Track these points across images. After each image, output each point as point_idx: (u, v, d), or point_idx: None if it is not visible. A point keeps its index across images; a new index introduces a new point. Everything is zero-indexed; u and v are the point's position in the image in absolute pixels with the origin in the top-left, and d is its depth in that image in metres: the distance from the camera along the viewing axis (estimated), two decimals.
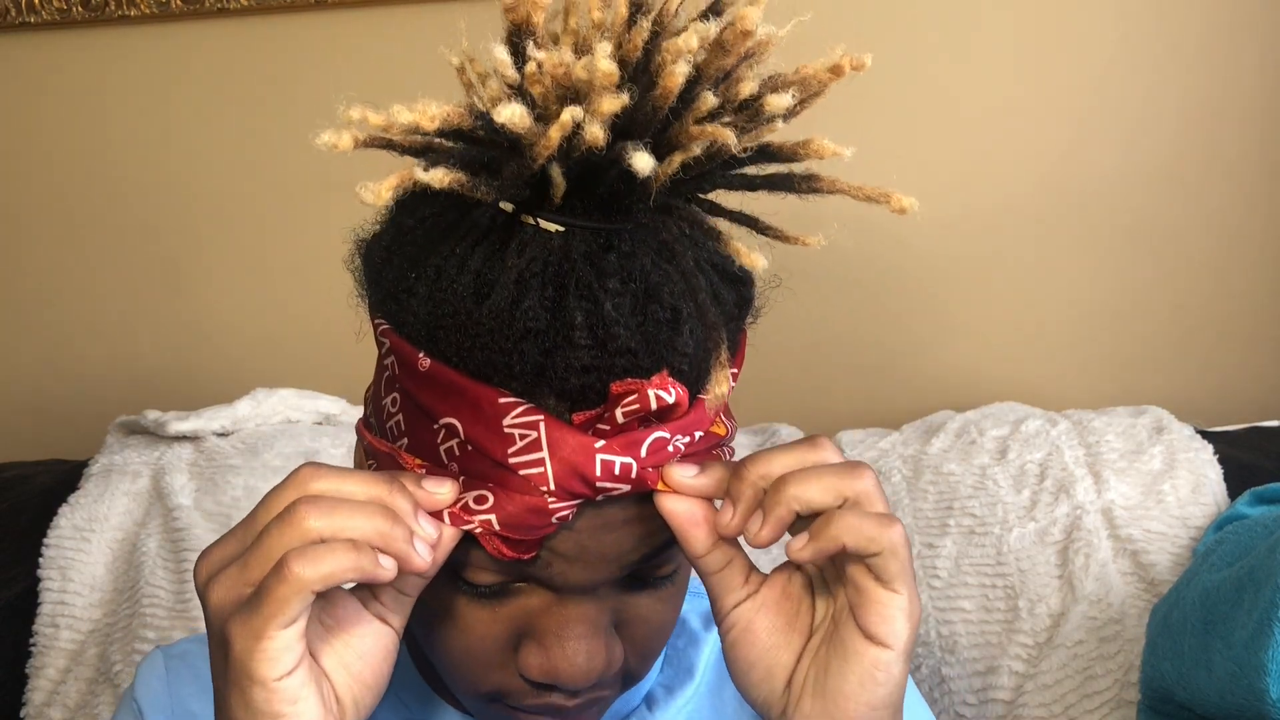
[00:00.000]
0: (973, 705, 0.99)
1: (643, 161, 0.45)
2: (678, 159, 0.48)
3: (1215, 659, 0.82)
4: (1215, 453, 1.11)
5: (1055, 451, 1.12)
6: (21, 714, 1.03)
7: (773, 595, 0.54)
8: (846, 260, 1.32)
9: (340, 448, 1.19)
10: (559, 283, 0.48)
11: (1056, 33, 1.26)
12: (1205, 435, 1.14)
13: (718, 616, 0.54)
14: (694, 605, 0.73)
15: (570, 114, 0.45)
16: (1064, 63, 1.27)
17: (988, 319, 1.33)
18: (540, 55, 0.47)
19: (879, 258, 1.31)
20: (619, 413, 0.48)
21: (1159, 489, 1.08)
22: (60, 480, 1.18)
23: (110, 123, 1.34)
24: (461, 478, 0.50)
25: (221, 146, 1.34)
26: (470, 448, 0.50)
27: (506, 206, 0.50)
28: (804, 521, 0.50)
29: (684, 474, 0.50)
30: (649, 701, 0.69)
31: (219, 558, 0.49)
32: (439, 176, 0.46)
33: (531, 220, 0.49)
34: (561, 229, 0.49)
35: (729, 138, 0.47)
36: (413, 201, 0.53)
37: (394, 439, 0.53)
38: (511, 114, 0.45)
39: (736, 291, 0.55)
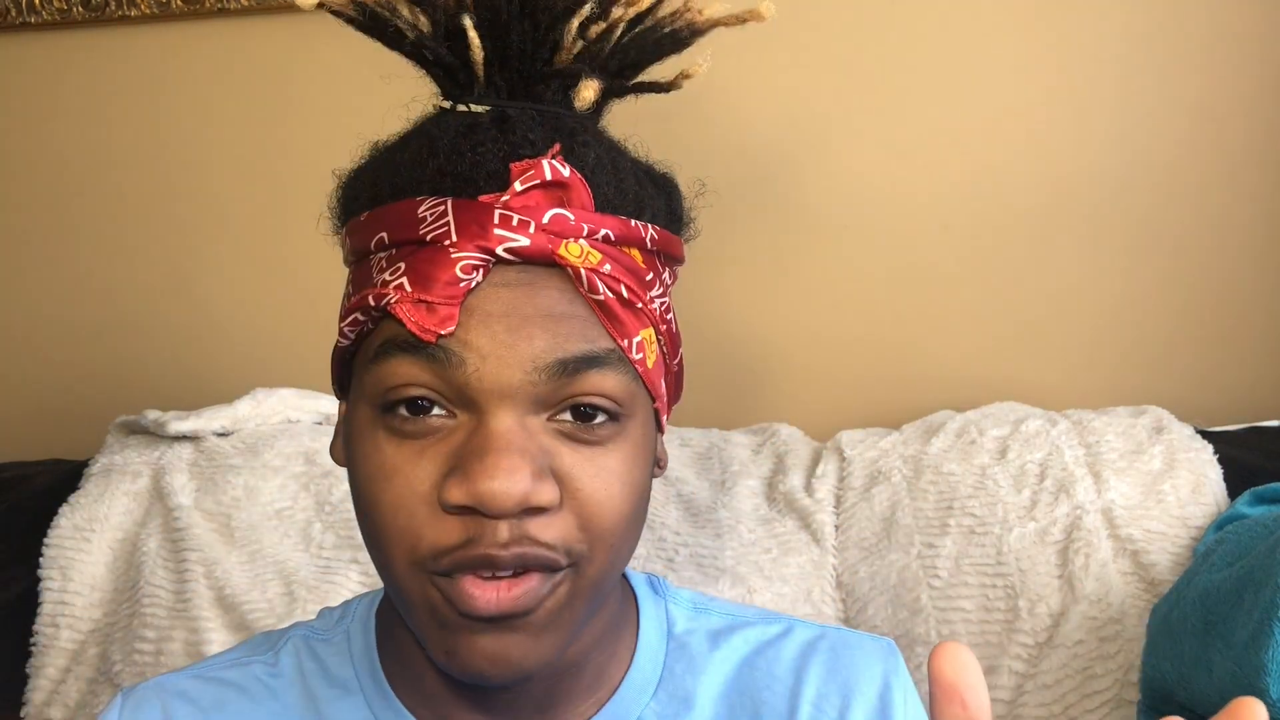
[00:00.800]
0: None
1: (589, 87, 0.58)
2: (574, 26, 0.58)
3: (1215, 659, 0.82)
4: (1215, 453, 1.11)
5: (1055, 451, 1.12)
6: (22, 713, 1.03)
7: None
8: (847, 260, 1.32)
9: None
10: (468, 118, 0.56)
11: (1058, 33, 1.26)
12: (1205, 435, 1.14)
13: None
14: (701, 622, 0.68)
15: None
16: (1065, 64, 1.26)
17: (988, 319, 1.33)
18: None
19: (879, 258, 1.31)
20: (517, 183, 0.53)
21: (1159, 489, 1.08)
22: (60, 480, 1.18)
23: (110, 122, 1.34)
24: (382, 276, 0.54)
25: (221, 146, 1.34)
26: (394, 250, 0.54)
27: (444, 104, 0.58)
28: None
29: (962, 658, 0.43)
30: None
31: None
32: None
33: (464, 106, 0.57)
34: (485, 109, 0.57)
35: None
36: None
37: (344, 313, 0.57)
38: None
39: (666, 196, 0.60)
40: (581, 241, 0.54)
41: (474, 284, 0.52)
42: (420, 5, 0.60)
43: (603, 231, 0.55)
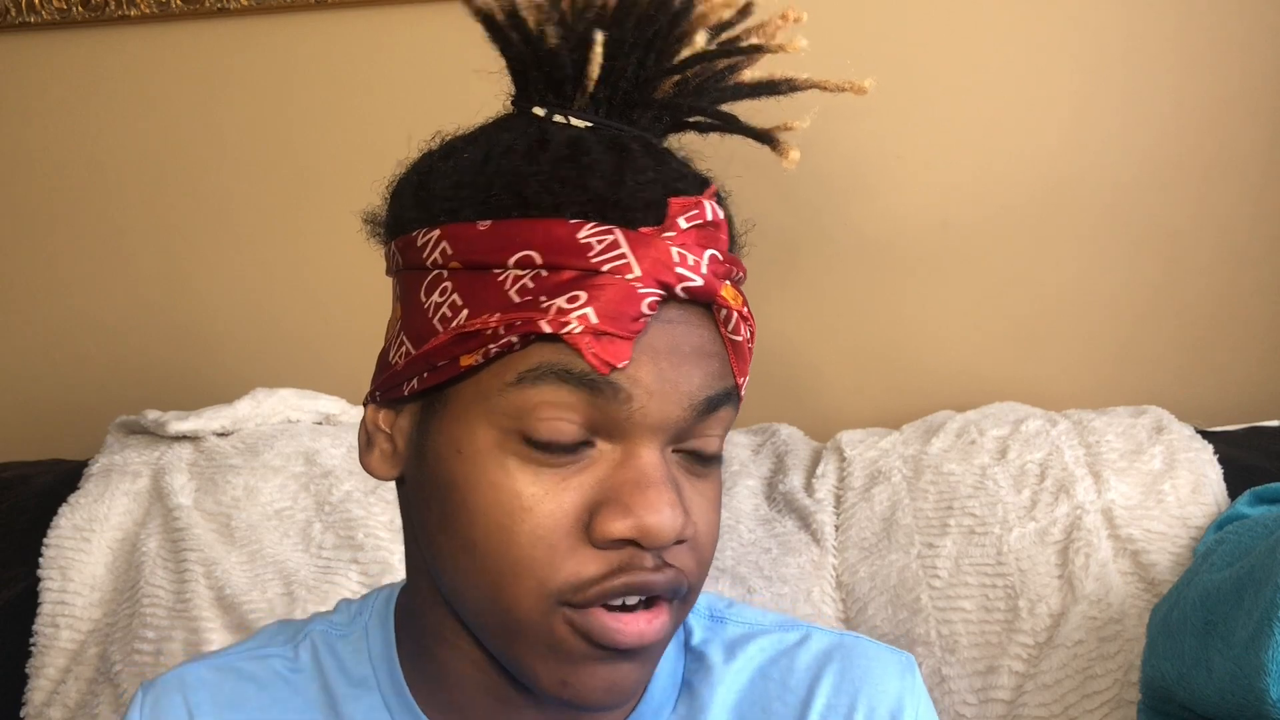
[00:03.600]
0: (973, 705, 0.99)
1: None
2: (671, 78, 0.58)
3: (1215, 659, 0.82)
4: (1215, 453, 1.11)
5: (1055, 451, 1.12)
6: (21, 713, 1.03)
7: None
8: (847, 260, 1.32)
9: (340, 447, 1.19)
10: (603, 138, 0.55)
11: (1058, 33, 1.26)
12: (1205, 435, 1.14)
13: None
14: (717, 633, 0.67)
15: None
16: (1066, 63, 1.26)
17: (988, 319, 1.33)
18: None
19: (879, 257, 1.31)
20: (682, 219, 0.53)
21: (1159, 489, 1.08)
22: (60, 480, 1.18)
23: (110, 122, 1.34)
24: (544, 299, 0.52)
25: (221, 146, 1.34)
26: (547, 273, 0.52)
27: (539, 111, 0.57)
28: None
29: None
30: None
31: None
32: None
33: (563, 119, 0.56)
34: (590, 124, 0.56)
35: (725, 11, 0.60)
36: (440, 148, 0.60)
37: (446, 324, 0.54)
38: None
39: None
40: (728, 283, 0.55)
41: (650, 320, 0.52)
42: (547, 11, 0.59)
43: (738, 274, 0.57)
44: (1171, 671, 0.87)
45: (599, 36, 0.56)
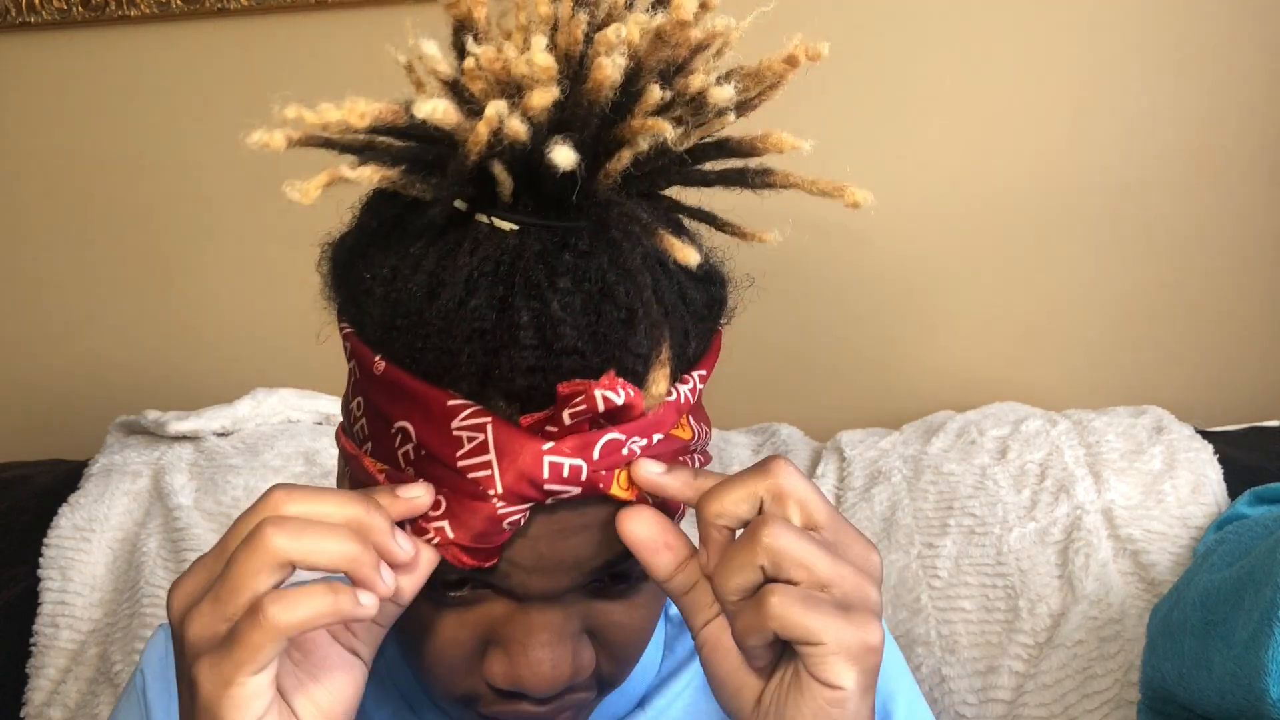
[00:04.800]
0: (973, 705, 0.99)
1: (563, 155, 0.44)
2: (626, 155, 0.47)
3: (1215, 659, 0.82)
4: (1215, 452, 1.11)
5: (1055, 451, 1.12)
6: (21, 714, 1.03)
7: None
8: (846, 260, 1.32)
9: None
10: (508, 281, 0.47)
11: (1057, 29, 1.26)
12: (1205, 435, 1.14)
13: (691, 633, 0.53)
14: None
15: (495, 109, 0.44)
16: (1066, 63, 1.26)
17: (988, 319, 1.33)
18: (479, 50, 0.46)
19: (879, 257, 1.31)
20: (566, 414, 0.47)
21: (1159, 489, 1.08)
22: (60, 480, 1.18)
23: (110, 122, 1.34)
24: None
25: (221, 146, 1.34)
26: (424, 452, 0.49)
27: (460, 205, 0.49)
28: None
29: (650, 469, 0.49)
30: (643, 699, 0.69)
31: (190, 589, 0.47)
32: (368, 174, 0.46)
33: (485, 219, 0.48)
34: (515, 228, 0.48)
35: (666, 129, 0.46)
36: (376, 202, 0.53)
37: (360, 443, 0.53)
38: (433, 109, 0.45)
39: (706, 291, 0.53)
40: (630, 468, 0.49)
41: (518, 526, 0.49)
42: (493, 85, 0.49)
43: (655, 437, 0.50)
44: (1172, 672, 0.87)
45: (493, 111, 0.45)
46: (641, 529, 0.50)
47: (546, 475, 0.47)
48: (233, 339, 1.39)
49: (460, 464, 0.48)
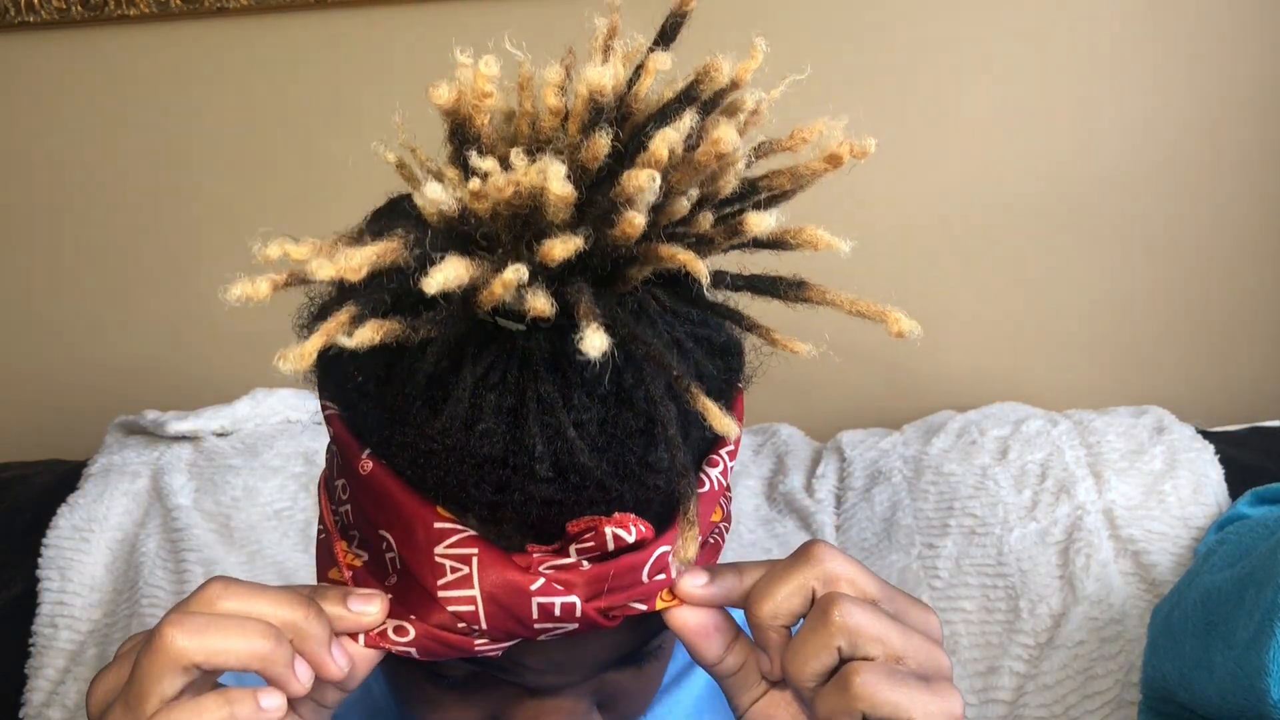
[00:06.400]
0: (974, 706, 0.99)
1: (594, 345, 0.39)
2: (647, 270, 0.43)
3: (1216, 659, 0.82)
4: (1216, 453, 1.11)
5: (1056, 452, 1.12)
6: (20, 714, 1.03)
7: (789, 692, 0.50)
8: (846, 260, 1.31)
9: None
10: (517, 393, 0.42)
11: (1059, 32, 1.26)
12: (1206, 435, 1.14)
13: (735, 712, 0.50)
14: None
15: (515, 274, 0.40)
16: (1066, 62, 1.26)
17: (988, 319, 1.33)
18: (484, 166, 0.41)
19: (879, 257, 1.31)
20: (573, 549, 0.43)
21: (1160, 489, 1.08)
22: (59, 480, 1.18)
23: (109, 122, 1.34)
24: (391, 597, 0.46)
25: (221, 145, 1.34)
26: (402, 574, 0.45)
27: (479, 305, 0.43)
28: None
29: (693, 583, 0.47)
30: None
31: (108, 688, 0.45)
32: (366, 336, 0.41)
33: (490, 318, 0.43)
34: (523, 327, 0.43)
35: (698, 269, 0.42)
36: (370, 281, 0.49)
37: (345, 529, 0.48)
38: (444, 279, 0.39)
39: (724, 362, 0.50)
40: (677, 580, 0.46)
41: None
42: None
43: (661, 549, 0.45)
44: (1172, 672, 0.87)
45: (512, 276, 0.40)
46: (691, 617, 0.47)
47: (535, 615, 0.44)
48: (232, 339, 1.39)
49: (441, 594, 0.44)
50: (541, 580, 0.43)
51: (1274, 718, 0.77)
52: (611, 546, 0.43)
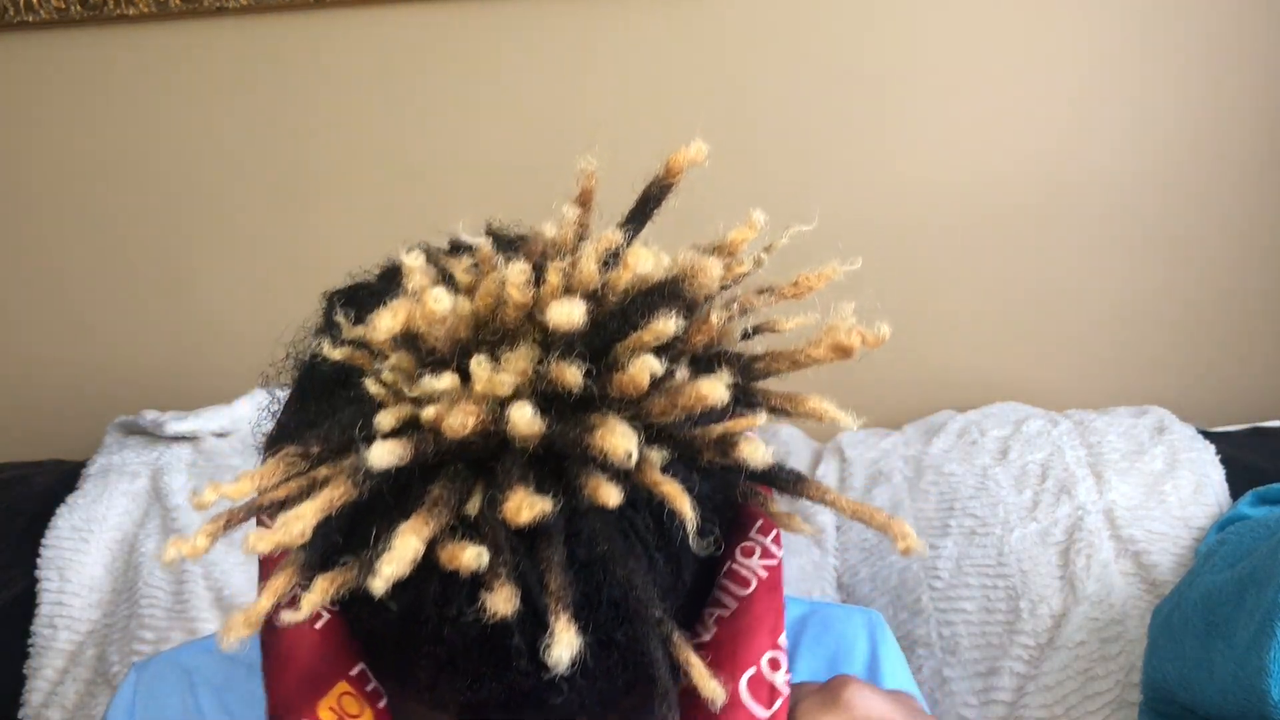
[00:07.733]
0: (974, 706, 0.99)
1: (564, 644, 0.35)
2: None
3: (1217, 660, 0.82)
4: (1217, 453, 1.11)
5: (1057, 452, 1.12)
6: (20, 714, 1.03)
7: None
8: (846, 259, 1.31)
9: None
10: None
11: (1060, 32, 1.25)
12: (1207, 435, 1.14)
13: None
14: None
15: (475, 558, 0.36)
16: (1067, 62, 1.26)
17: (989, 319, 1.33)
18: (443, 384, 0.38)
19: (880, 256, 1.31)
20: None
21: (1161, 489, 1.07)
22: (59, 481, 1.18)
23: (109, 121, 1.34)
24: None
25: (220, 145, 1.34)
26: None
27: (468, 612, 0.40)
28: None
29: None
30: None
31: None
32: (314, 601, 0.38)
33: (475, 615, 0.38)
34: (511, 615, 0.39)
35: (686, 511, 0.38)
36: (300, 392, 0.46)
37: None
38: (396, 569, 0.36)
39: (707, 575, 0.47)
40: None
41: None
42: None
43: None
44: (1173, 672, 0.87)
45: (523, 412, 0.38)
46: None
47: None
48: (232, 339, 1.39)
49: None
50: None
51: (1275, 718, 0.77)
52: None
